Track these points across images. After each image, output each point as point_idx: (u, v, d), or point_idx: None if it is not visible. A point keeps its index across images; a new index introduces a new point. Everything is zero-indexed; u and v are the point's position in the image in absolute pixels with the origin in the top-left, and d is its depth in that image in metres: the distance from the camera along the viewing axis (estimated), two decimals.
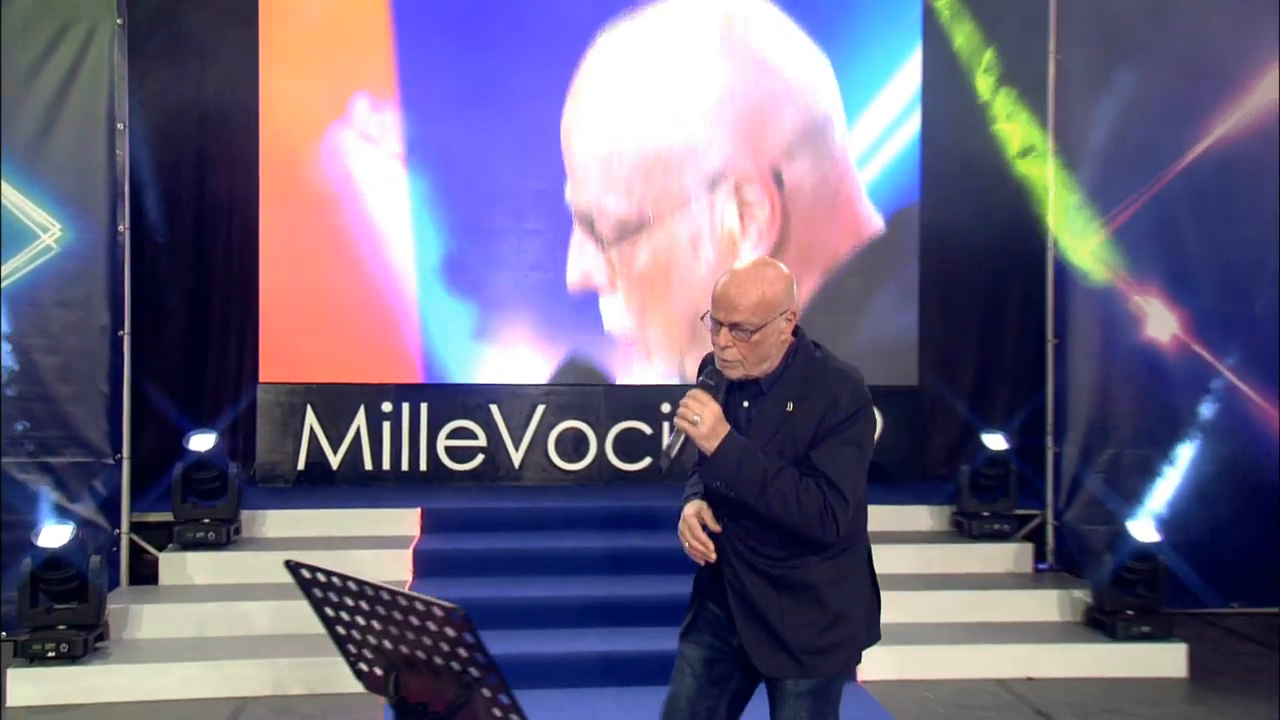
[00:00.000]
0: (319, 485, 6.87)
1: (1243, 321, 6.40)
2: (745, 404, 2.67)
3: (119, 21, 5.77)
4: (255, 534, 6.11)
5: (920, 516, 6.46)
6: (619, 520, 6.31)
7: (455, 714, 2.07)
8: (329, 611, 2.21)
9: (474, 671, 2.00)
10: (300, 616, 5.40)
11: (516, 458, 7.06)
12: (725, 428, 2.56)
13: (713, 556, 2.64)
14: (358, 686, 5.04)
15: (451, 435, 7.03)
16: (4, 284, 5.60)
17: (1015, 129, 7.12)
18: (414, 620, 2.02)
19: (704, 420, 2.54)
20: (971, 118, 7.23)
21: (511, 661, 3.26)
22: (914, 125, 7.23)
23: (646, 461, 7.13)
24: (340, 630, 2.22)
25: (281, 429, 6.91)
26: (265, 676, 5.02)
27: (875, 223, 7.18)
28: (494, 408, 7.06)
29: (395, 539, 6.01)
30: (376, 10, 6.91)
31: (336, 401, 6.95)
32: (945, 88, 7.26)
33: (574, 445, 7.10)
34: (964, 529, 6.26)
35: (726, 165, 7.07)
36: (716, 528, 2.64)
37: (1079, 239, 6.35)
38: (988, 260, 7.35)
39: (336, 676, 5.03)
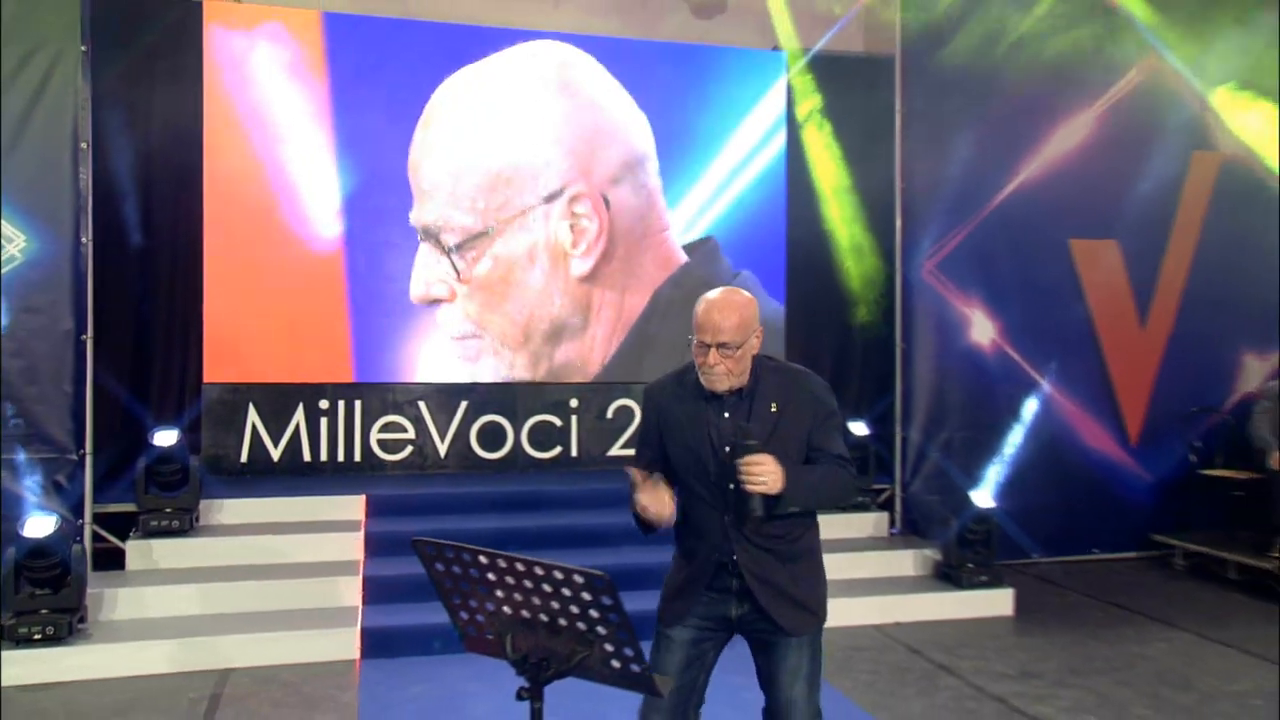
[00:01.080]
0: (262, 476, 6.63)
1: (1047, 330, 6.99)
2: (726, 414, 2.65)
3: (83, 48, 5.46)
4: (214, 521, 5.87)
5: None
6: (536, 502, 6.35)
7: (575, 668, 2.12)
8: (448, 584, 2.22)
9: (601, 630, 2.06)
10: (265, 594, 5.29)
11: (442, 448, 7.00)
12: (782, 470, 2.52)
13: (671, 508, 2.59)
14: (330, 655, 5.02)
15: (384, 429, 6.90)
16: None
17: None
18: (546, 587, 2.06)
19: (769, 475, 2.50)
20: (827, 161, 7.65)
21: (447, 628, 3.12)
22: (780, 142, 7.52)
23: (557, 450, 7.19)
24: (456, 601, 2.24)
25: (225, 425, 6.63)
26: (242, 650, 4.85)
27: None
28: (422, 404, 6.98)
29: (345, 523, 5.89)
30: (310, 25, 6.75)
31: (277, 399, 6.72)
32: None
33: (493, 437, 7.09)
34: None
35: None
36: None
37: (917, 260, 6.79)
38: (843, 281, 7.70)
39: (308, 648, 4.94)
